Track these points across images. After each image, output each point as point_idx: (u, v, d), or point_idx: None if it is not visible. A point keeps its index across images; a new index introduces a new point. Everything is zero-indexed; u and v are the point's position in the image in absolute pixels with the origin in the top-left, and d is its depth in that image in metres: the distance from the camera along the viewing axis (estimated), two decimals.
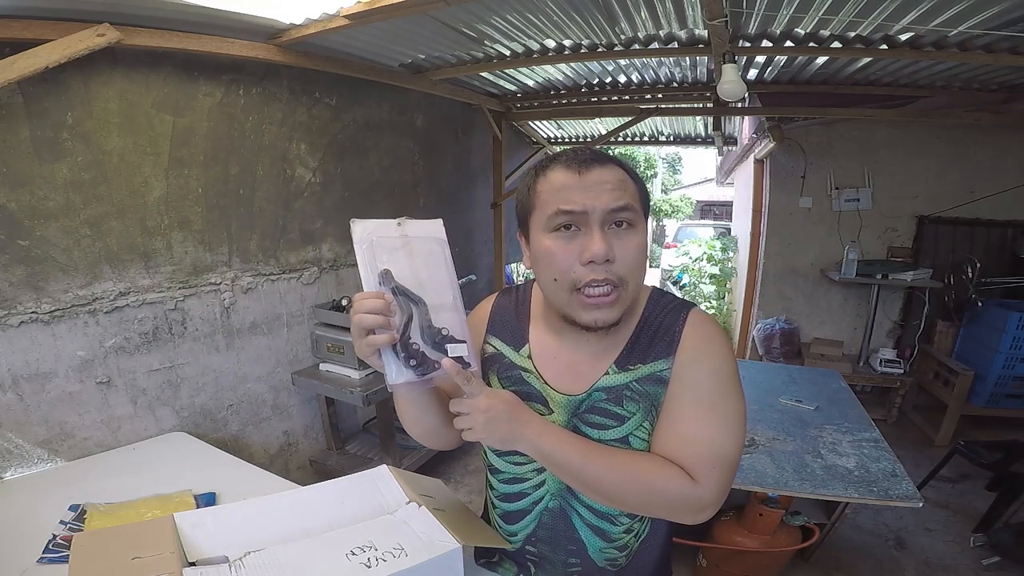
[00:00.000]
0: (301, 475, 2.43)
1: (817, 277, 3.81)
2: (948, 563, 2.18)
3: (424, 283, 0.71)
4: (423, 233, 0.74)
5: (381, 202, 2.80)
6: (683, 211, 14.69)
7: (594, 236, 0.68)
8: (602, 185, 0.69)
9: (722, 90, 1.99)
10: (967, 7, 1.63)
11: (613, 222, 0.70)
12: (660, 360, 0.76)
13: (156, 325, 1.82)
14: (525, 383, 0.82)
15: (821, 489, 1.66)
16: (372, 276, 0.68)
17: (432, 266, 0.72)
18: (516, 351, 0.85)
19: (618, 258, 0.69)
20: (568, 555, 0.85)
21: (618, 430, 0.76)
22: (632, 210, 0.70)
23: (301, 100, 2.25)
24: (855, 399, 2.41)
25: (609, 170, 0.71)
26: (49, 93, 1.49)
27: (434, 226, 0.75)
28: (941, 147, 3.41)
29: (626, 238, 0.70)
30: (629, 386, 0.76)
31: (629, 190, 0.71)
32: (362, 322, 0.65)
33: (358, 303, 0.66)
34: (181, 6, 1.49)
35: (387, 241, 0.71)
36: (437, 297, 0.71)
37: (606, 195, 0.69)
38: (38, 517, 1.22)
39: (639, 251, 0.71)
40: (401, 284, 0.69)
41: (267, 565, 0.69)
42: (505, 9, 1.82)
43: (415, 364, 0.67)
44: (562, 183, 0.71)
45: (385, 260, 0.70)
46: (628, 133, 4.55)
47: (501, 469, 0.87)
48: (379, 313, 0.65)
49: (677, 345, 0.75)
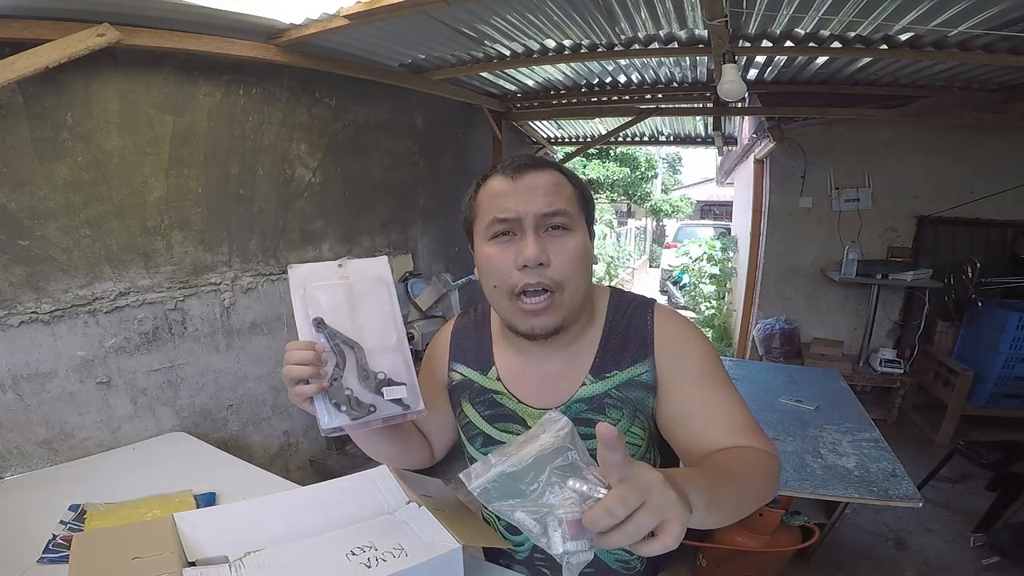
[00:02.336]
0: (301, 475, 2.43)
1: (817, 277, 3.81)
2: (948, 563, 2.18)
3: (363, 327, 0.69)
4: (365, 273, 0.72)
5: (381, 202, 2.80)
6: (683, 211, 14.70)
7: (527, 240, 0.69)
8: (535, 190, 0.69)
9: (722, 90, 1.99)
10: (967, 7, 1.63)
11: (548, 226, 0.69)
12: (637, 364, 0.75)
13: (156, 325, 1.82)
14: (499, 405, 0.81)
15: (821, 489, 1.66)
16: (306, 324, 0.68)
17: (374, 307, 0.71)
18: (484, 375, 0.83)
19: (553, 262, 0.69)
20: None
21: None
22: (566, 214, 0.70)
23: (301, 100, 2.25)
24: (855, 399, 2.41)
25: (544, 174, 0.71)
26: (49, 93, 1.49)
27: (377, 264, 0.73)
28: (941, 147, 3.41)
29: (561, 241, 0.70)
30: (609, 394, 0.75)
31: (564, 194, 0.71)
32: (291, 373, 0.64)
33: (288, 354, 0.65)
34: (181, 6, 1.49)
35: (325, 286, 0.70)
36: (378, 340, 0.70)
37: (539, 200, 0.69)
38: (38, 517, 1.22)
39: (575, 254, 0.70)
40: (336, 330, 0.68)
41: (267, 565, 0.69)
42: (505, 9, 1.82)
43: (345, 409, 0.67)
44: (498, 190, 0.71)
45: (322, 305, 0.69)
46: (628, 133, 4.55)
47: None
48: (308, 364, 0.64)
49: (652, 346, 0.75)
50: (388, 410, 0.68)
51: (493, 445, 0.82)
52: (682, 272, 7.43)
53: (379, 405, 0.68)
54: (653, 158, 13.13)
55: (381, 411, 0.68)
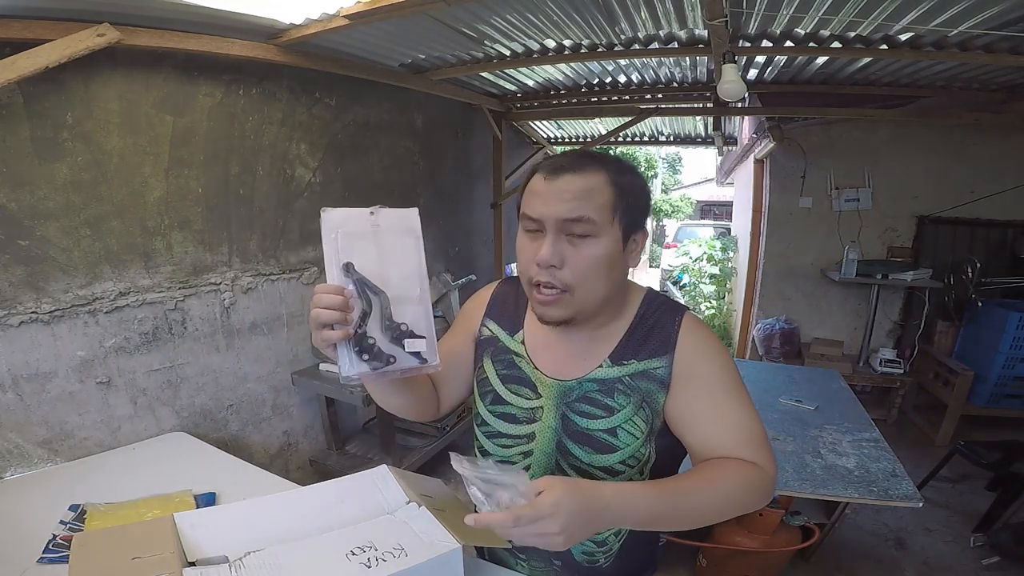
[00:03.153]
0: (301, 475, 2.43)
1: (817, 277, 3.81)
2: (948, 563, 2.18)
3: (390, 275, 0.70)
4: (396, 223, 0.72)
5: (381, 202, 2.79)
6: (683, 211, 14.70)
7: (544, 242, 0.72)
8: (563, 194, 0.71)
9: (722, 90, 1.99)
10: (967, 7, 1.63)
11: (570, 231, 0.71)
12: (654, 358, 0.78)
13: (156, 325, 1.82)
14: (516, 367, 0.85)
15: (821, 489, 1.66)
16: (335, 268, 0.68)
17: (401, 258, 0.71)
18: (511, 336, 0.88)
19: (567, 265, 0.72)
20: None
21: (607, 421, 0.78)
22: (589, 221, 0.70)
23: (301, 100, 2.25)
24: (855, 399, 2.42)
25: (580, 178, 0.71)
26: (49, 93, 1.49)
27: (408, 216, 0.73)
28: (941, 147, 3.40)
29: (580, 247, 0.72)
30: (621, 380, 0.78)
31: (596, 200, 0.71)
32: (319, 317, 0.65)
33: (317, 297, 0.66)
34: (181, 6, 1.49)
35: (356, 232, 0.70)
36: (402, 290, 0.70)
37: (564, 205, 0.70)
38: (38, 517, 1.22)
39: (591, 260, 0.72)
40: (363, 276, 0.68)
41: (267, 565, 0.69)
42: (505, 9, 1.82)
43: (367, 359, 0.67)
44: (535, 188, 0.74)
45: (351, 251, 0.69)
46: (628, 133, 4.55)
47: (490, 452, 0.89)
48: (336, 308, 0.65)
49: (675, 345, 0.77)
50: (406, 362, 0.69)
51: (501, 404, 0.85)
52: (682, 272, 7.43)
53: (398, 356, 0.69)
54: (653, 158, 13.14)
55: (400, 362, 0.69)
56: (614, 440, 0.78)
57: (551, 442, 0.81)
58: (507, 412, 0.85)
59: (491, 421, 0.87)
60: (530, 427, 0.83)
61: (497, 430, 0.86)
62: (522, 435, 0.84)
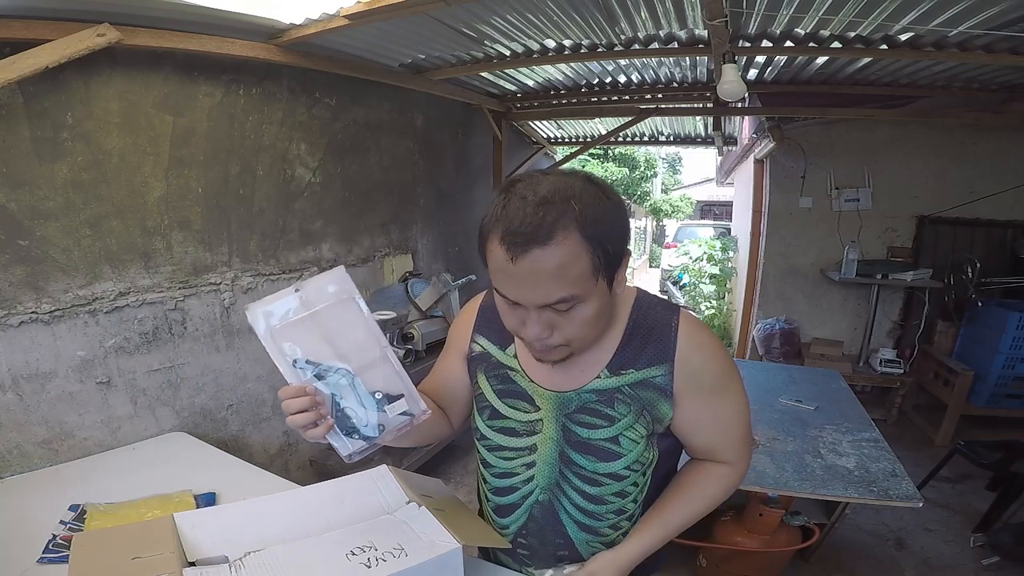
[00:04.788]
0: (301, 475, 2.43)
1: (817, 277, 3.81)
2: (948, 563, 2.19)
3: (343, 348, 0.68)
4: (326, 292, 0.68)
5: (381, 202, 2.80)
6: (683, 211, 14.71)
7: (529, 322, 0.68)
8: (537, 276, 0.62)
9: (722, 90, 1.99)
10: (967, 7, 1.63)
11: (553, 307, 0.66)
12: (653, 367, 0.77)
13: (156, 325, 1.82)
14: (511, 381, 0.85)
15: (821, 489, 1.66)
16: (288, 368, 0.67)
17: (347, 326, 0.68)
18: (502, 350, 0.86)
19: (558, 331, 0.69)
20: (556, 548, 0.86)
21: (608, 430, 0.78)
22: (572, 298, 0.65)
23: (301, 100, 2.25)
24: (855, 399, 2.41)
25: (550, 251, 0.61)
26: (49, 93, 1.49)
27: (336, 277, 0.69)
28: (941, 147, 3.41)
29: (570, 315, 0.67)
30: (621, 389, 0.78)
31: (571, 274, 0.63)
32: (296, 422, 0.66)
33: (284, 404, 0.66)
34: (181, 6, 1.49)
35: (290, 323, 0.67)
36: (363, 357, 0.69)
37: (540, 289, 0.64)
38: (38, 517, 1.22)
39: (582, 321, 0.68)
40: (317, 363, 0.68)
41: (267, 565, 0.69)
42: (505, 9, 1.82)
43: (357, 436, 0.69)
44: (498, 265, 0.65)
45: (295, 342, 0.68)
46: (628, 133, 4.55)
47: (492, 464, 0.88)
48: (307, 410, 0.66)
49: (674, 352, 0.77)
50: (396, 423, 0.70)
51: (500, 419, 0.86)
52: (682, 272, 7.43)
53: (386, 422, 0.70)
54: (653, 158, 13.14)
55: (390, 426, 0.70)
56: (617, 448, 0.78)
57: (553, 452, 0.82)
58: (506, 426, 0.85)
59: (491, 436, 0.87)
60: (531, 439, 0.83)
61: (498, 443, 0.86)
62: (524, 447, 0.84)
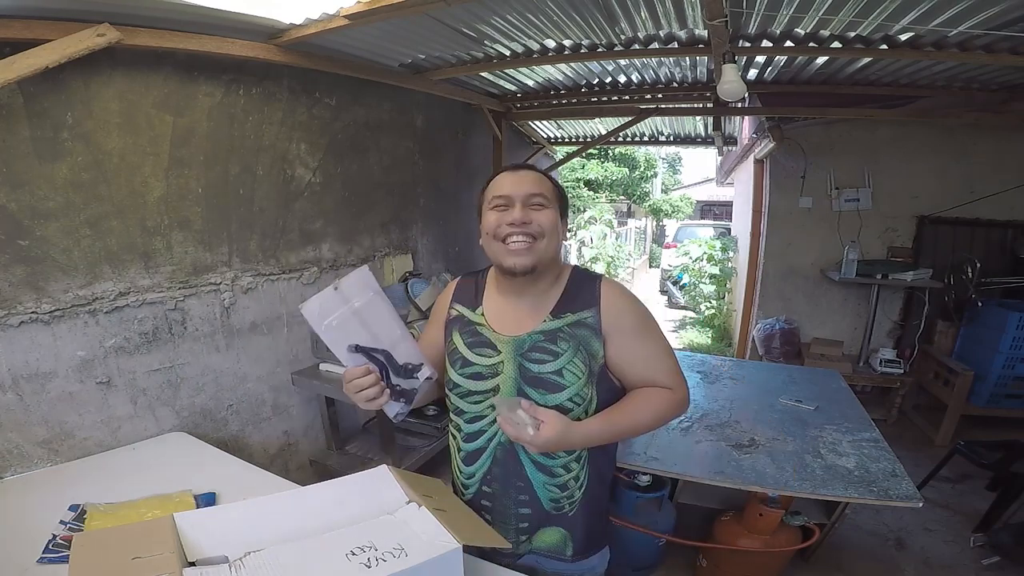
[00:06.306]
0: (301, 475, 2.43)
1: (817, 277, 3.81)
2: (948, 563, 2.19)
3: (379, 335, 0.92)
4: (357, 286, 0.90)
5: (381, 202, 2.80)
6: (683, 211, 14.69)
7: (515, 210, 0.98)
8: (525, 180, 1.01)
9: (722, 90, 1.99)
10: (967, 7, 1.63)
11: (531, 203, 0.99)
12: (584, 310, 1.01)
13: (156, 325, 1.82)
14: (479, 334, 1.05)
15: (821, 489, 1.66)
16: (347, 354, 0.90)
17: (376, 315, 0.92)
18: (473, 311, 1.09)
19: (534, 222, 0.98)
20: (518, 492, 1.02)
21: (553, 364, 0.97)
22: (544, 196, 1.00)
23: (301, 100, 2.25)
24: (855, 399, 2.41)
25: (533, 173, 1.03)
26: (49, 93, 1.49)
27: (362, 275, 0.91)
28: (941, 147, 3.41)
29: (539, 212, 0.99)
30: (561, 329, 1.00)
31: (544, 186, 1.02)
32: (367, 395, 0.92)
33: (356, 381, 0.91)
34: (181, 6, 1.49)
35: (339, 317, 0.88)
36: (391, 338, 0.94)
37: (527, 186, 1.00)
38: (38, 517, 1.22)
39: (548, 219, 0.99)
40: (366, 348, 0.91)
41: (267, 565, 0.69)
42: (505, 9, 1.82)
43: (404, 401, 0.97)
44: (502, 181, 1.02)
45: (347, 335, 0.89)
46: (628, 133, 4.55)
47: (465, 410, 1.05)
48: (374, 384, 0.92)
49: (598, 300, 1.01)
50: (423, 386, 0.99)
51: (469, 366, 1.04)
52: (682, 272, 7.43)
53: (416, 386, 0.98)
54: (653, 158, 13.13)
55: (420, 389, 0.99)
56: (561, 380, 0.97)
57: (512, 391, 0.99)
58: (474, 371, 1.03)
59: (461, 382, 1.04)
60: (494, 381, 1.01)
61: (468, 389, 1.04)
62: (488, 389, 1.01)
